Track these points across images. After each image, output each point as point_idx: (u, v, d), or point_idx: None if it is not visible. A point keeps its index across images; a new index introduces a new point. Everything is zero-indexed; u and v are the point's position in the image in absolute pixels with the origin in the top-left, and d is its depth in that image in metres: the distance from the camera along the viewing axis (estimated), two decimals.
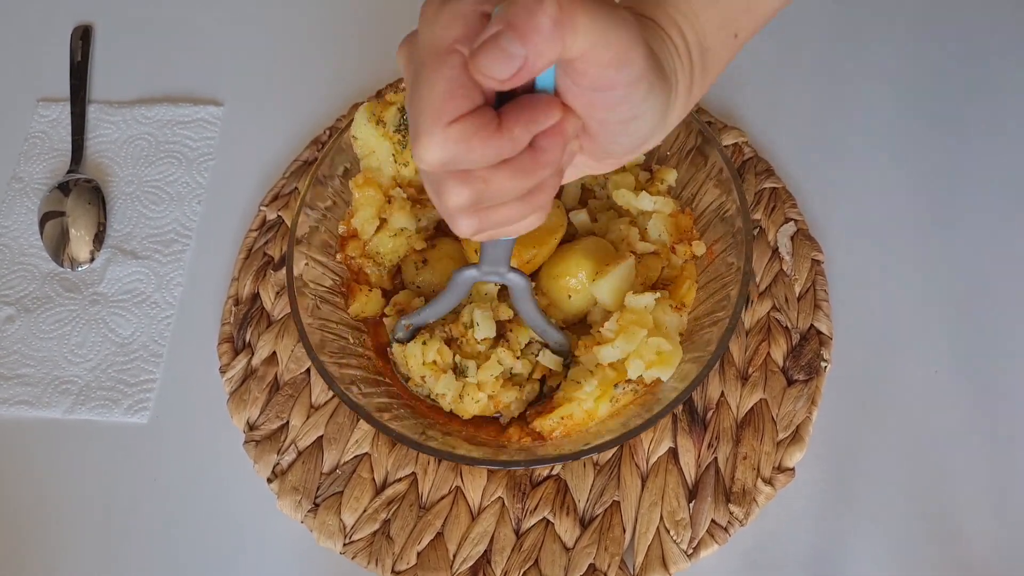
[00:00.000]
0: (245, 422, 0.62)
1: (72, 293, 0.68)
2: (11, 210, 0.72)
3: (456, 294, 0.55)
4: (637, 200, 0.63)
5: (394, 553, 0.58)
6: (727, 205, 0.61)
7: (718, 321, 0.58)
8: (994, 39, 0.78)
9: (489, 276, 0.52)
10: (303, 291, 0.60)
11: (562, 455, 0.55)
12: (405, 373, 0.60)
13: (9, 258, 0.70)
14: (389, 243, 0.63)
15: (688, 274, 0.62)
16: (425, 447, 0.54)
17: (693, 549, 0.57)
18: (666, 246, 0.63)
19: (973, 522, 0.58)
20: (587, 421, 0.57)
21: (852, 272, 0.68)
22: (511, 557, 0.57)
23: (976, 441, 0.61)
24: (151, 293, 0.68)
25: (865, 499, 0.59)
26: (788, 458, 0.60)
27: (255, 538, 0.60)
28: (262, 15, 0.83)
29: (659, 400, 0.56)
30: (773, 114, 0.75)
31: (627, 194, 0.63)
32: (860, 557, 0.58)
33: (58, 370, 0.65)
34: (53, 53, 0.80)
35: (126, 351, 0.66)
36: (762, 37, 0.80)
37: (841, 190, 0.71)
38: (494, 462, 0.56)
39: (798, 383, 0.62)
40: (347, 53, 0.80)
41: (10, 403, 0.64)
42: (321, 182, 0.64)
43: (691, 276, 0.62)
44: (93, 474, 0.62)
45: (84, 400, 0.64)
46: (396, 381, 0.61)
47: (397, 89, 0.72)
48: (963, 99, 0.75)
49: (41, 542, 0.60)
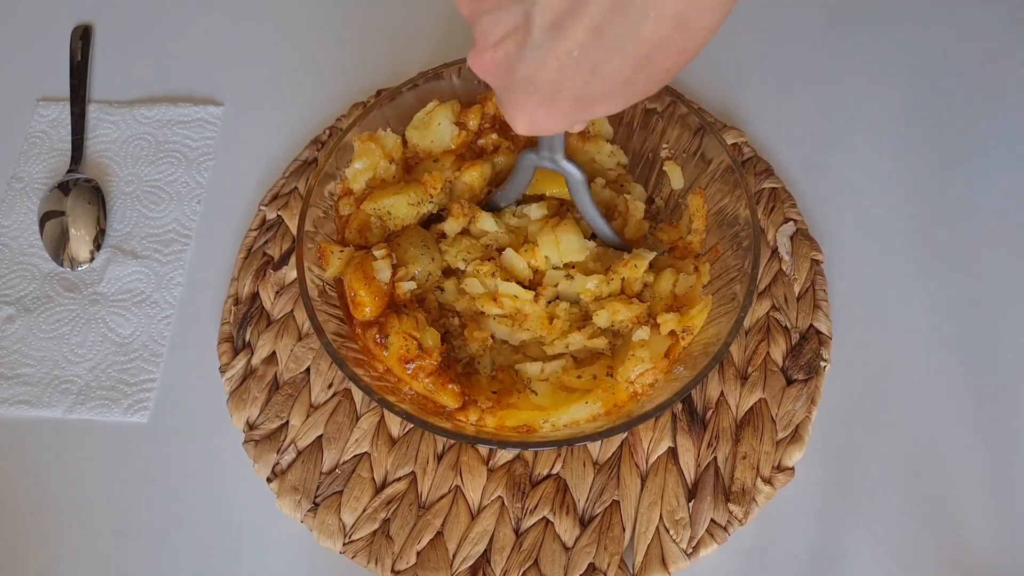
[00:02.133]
0: (245, 422, 0.62)
1: (72, 293, 0.68)
2: (11, 210, 0.72)
3: (523, 177, 0.62)
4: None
5: (394, 552, 0.58)
6: (732, 204, 0.61)
7: (722, 316, 0.58)
8: (995, 39, 0.79)
9: (545, 162, 0.59)
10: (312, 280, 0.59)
11: (571, 438, 0.54)
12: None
13: (9, 258, 0.70)
14: (404, 208, 0.63)
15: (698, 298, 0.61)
16: (461, 434, 0.54)
17: (693, 548, 0.57)
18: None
19: (973, 521, 0.59)
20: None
21: (851, 272, 0.68)
22: (511, 556, 0.57)
23: (976, 440, 0.61)
24: (151, 293, 0.68)
25: (865, 498, 0.59)
26: (788, 457, 0.60)
27: (255, 538, 0.60)
28: (262, 15, 0.84)
29: (663, 392, 0.56)
30: (773, 114, 0.75)
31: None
32: (860, 556, 0.58)
33: (58, 369, 0.65)
34: (53, 53, 0.80)
35: (126, 351, 0.66)
36: (763, 36, 0.80)
37: (841, 190, 0.71)
38: (491, 441, 0.55)
39: (797, 383, 0.62)
40: (347, 53, 0.80)
41: (10, 403, 0.64)
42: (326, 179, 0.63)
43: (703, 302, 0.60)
44: (93, 474, 0.62)
45: (84, 400, 0.64)
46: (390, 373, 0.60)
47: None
48: (964, 98, 0.76)
49: (41, 542, 0.60)
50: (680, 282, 0.61)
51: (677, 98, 0.65)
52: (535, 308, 0.61)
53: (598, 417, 0.56)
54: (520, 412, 0.57)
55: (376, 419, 0.62)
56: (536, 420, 0.56)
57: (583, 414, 0.56)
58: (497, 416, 0.56)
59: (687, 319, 0.58)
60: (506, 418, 0.56)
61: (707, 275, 0.61)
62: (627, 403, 0.57)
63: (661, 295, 0.61)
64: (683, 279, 0.61)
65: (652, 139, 0.67)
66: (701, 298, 0.59)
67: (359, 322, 0.59)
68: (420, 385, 0.57)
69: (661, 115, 0.66)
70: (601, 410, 0.57)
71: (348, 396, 0.63)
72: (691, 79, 0.77)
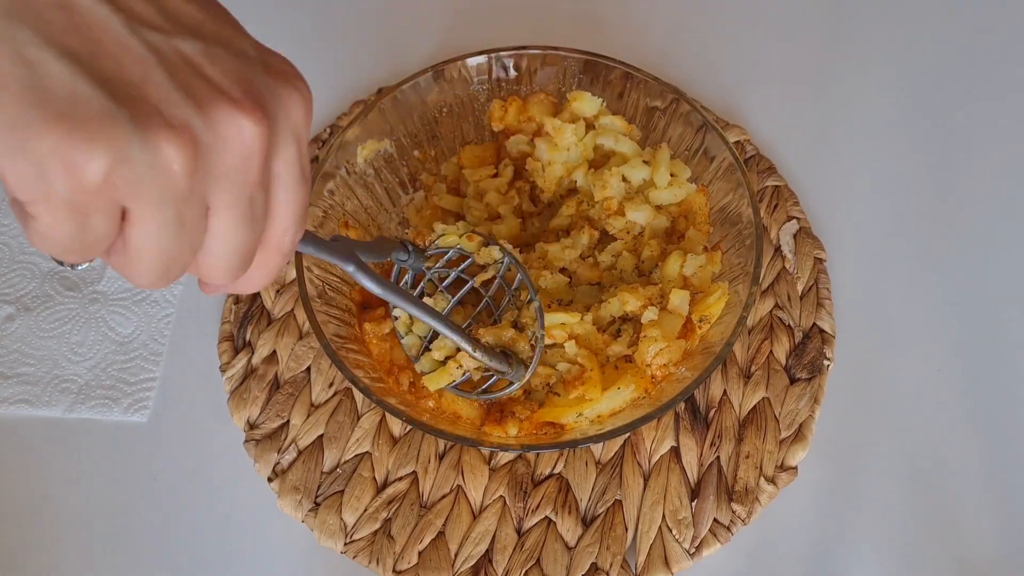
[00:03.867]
0: (245, 421, 0.62)
1: (72, 292, 0.68)
2: (10, 209, 0.72)
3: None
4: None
5: (395, 552, 0.57)
6: (735, 202, 0.61)
7: (725, 314, 0.57)
8: (995, 38, 0.78)
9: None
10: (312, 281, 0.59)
11: (574, 440, 0.54)
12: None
13: (9, 256, 0.70)
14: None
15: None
16: (461, 436, 0.54)
17: (695, 548, 0.57)
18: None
19: (975, 520, 0.58)
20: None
21: (855, 270, 0.67)
22: (513, 556, 0.57)
23: (978, 439, 0.61)
24: (150, 291, 0.68)
25: (868, 497, 0.59)
26: (791, 457, 0.59)
27: (255, 538, 0.59)
28: (262, 14, 0.83)
29: (665, 392, 0.56)
30: (775, 112, 0.75)
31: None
32: (862, 555, 0.57)
33: (58, 369, 0.65)
34: None
35: (126, 349, 0.66)
36: (764, 36, 0.80)
37: (844, 188, 0.71)
38: (502, 446, 0.55)
39: (801, 381, 0.62)
40: (348, 51, 0.80)
41: (10, 402, 0.64)
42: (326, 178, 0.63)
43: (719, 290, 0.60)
44: (93, 474, 0.62)
45: (84, 399, 0.64)
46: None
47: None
48: (965, 98, 0.75)
49: (41, 541, 0.59)
50: (688, 263, 0.60)
51: (680, 96, 0.64)
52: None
53: (638, 402, 0.56)
54: (554, 409, 0.56)
55: (377, 418, 0.62)
56: (570, 414, 0.56)
57: (618, 401, 0.56)
58: (531, 416, 0.57)
59: (704, 308, 0.58)
60: (543, 416, 0.56)
61: (719, 263, 0.60)
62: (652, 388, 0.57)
63: (670, 277, 0.60)
64: (691, 260, 0.60)
65: (654, 137, 0.66)
66: (717, 286, 0.59)
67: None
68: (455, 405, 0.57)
69: (663, 112, 0.65)
70: (636, 393, 0.56)
71: (349, 395, 0.63)
72: (694, 77, 0.77)
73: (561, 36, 0.70)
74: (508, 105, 0.67)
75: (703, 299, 0.58)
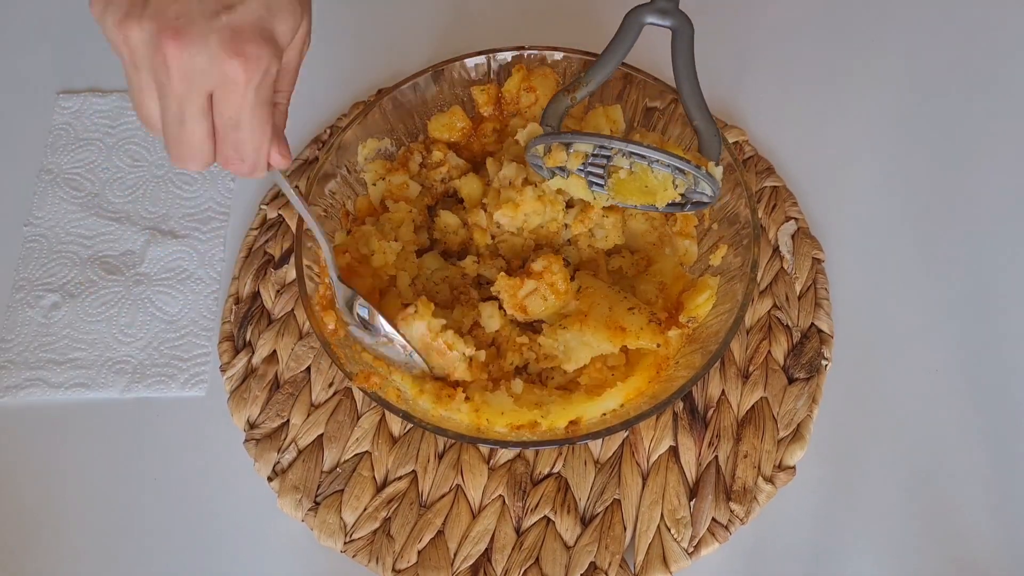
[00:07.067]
0: (245, 421, 0.62)
1: (114, 275, 0.69)
2: (43, 201, 0.73)
3: (626, 41, 0.57)
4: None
5: (395, 551, 0.57)
6: (733, 203, 0.61)
7: (722, 313, 0.58)
8: (995, 39, 0.78)
9: (652, 18, 0.55)
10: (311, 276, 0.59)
11: (572, 437, 0.55)
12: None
13: (47, 247, 0.71)
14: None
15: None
16: (461, 434, 0.54)
17: (694, 547, 0.57)
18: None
19: (973, 520, 0.58)
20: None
21: (853, 271, 0.68)
22: (512, 555, 0.57)
23: (976, 440, 0.61)
24: (194, 270, 0.69)
25: (866, 497, 0.59)
26: (789, 456, 0.60)
27: (255, 537, 0.59)
28: None
29: (664, 389, 0.56)
30: (774, 113, 0.75)
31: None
32: (861, 555, 0.58)
33: (110, 351, 0.66)
34: (67, 46, 0.80)
35: (176, 327, 0.67)
36: (763, 36, 0.80)
37: (842, 189, 0.71)
38: (503, 443, 0.55)
39: (799, 381, 0.62)
40: (347, 52, 0.80)
41: (66, 386, 0.65)
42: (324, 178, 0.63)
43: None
44: (92, 474, 0.62)
45: (140, 378, 0.65)
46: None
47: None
48: (964, 98, 0.75)
49: (41, 541, 0.60)
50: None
51: (678, 96, 0.64)
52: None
53: (638, 401, 0.57)
54: (575, 406, 0.57)
55: (377, 418, 0.62)
56: (592, 411, 0.56)
57: (632, 388, 0.57)
58: (551, 415, 0.57)
59: (692, 308, 0.59)
60: (564, 415, 0.57)
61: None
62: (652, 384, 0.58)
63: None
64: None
65: (652, 136, 0.67)
66: (707, 284, 0.60)
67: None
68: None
69: (662, 112, 0.66)
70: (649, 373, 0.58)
71: (349, 395, 0.63)
72: None
73: (561, 36, 0.70)
74: (516, 72, 0.66)
75: (691, 297, 0.59)
